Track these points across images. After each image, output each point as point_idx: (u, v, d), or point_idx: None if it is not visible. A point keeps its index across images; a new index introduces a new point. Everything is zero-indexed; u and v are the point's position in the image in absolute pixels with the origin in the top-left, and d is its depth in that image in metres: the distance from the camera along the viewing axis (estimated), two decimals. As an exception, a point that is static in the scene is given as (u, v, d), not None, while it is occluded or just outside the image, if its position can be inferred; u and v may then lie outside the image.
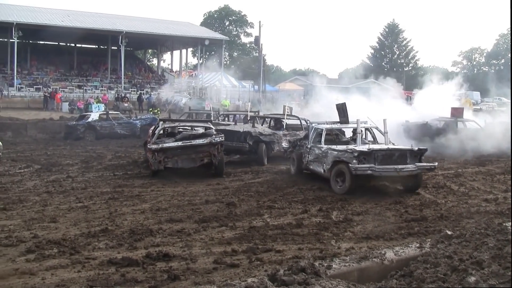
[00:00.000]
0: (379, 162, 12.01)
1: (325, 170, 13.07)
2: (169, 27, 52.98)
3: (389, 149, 12.45)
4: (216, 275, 6.44)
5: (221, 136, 14.79)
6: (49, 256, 7.08)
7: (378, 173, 11.94)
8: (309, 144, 14.24)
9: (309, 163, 14.10)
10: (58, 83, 46.03)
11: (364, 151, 12.07)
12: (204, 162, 14.46)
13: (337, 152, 12.72)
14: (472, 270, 5.52)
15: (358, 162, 11.91)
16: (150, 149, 14.16)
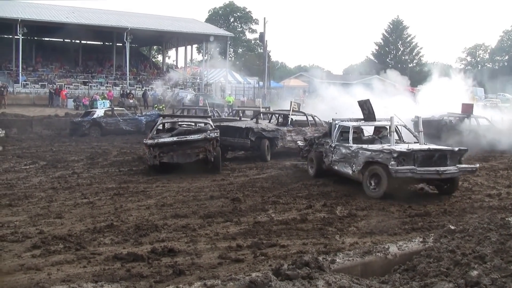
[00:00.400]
0: (418, 164, 11.04)
1: (354, 171, 12.11)
2: (174, 23, 53.00)
3: (430, 150, 11.47)
4: (221, 270, 6.48)
5: (216, 132, 14.78)
6: (54, 252, 7.11)
7: (419, 176, 11.01)
8: (333, 142, 13.24)
9: (333, 163, 13.07)
10: (63, 80, 46.19)
11: (404, 152, 11.10)
12: (199, 157, 14.46)
13: (371, 152, 11.72)
14: (474, 264, 5.56)
15: (397, 163, 10.95)
16: (146, 144, 14.29)
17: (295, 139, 18.04)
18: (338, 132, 13.36)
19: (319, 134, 15.20)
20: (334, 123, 13.62)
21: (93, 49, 56.96)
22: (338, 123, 13.49)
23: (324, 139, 14.05)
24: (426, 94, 27.31)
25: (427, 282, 5.36)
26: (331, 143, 13.30)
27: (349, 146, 12.58)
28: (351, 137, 12.88)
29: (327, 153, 13.41)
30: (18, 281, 5.99)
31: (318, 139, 14.49)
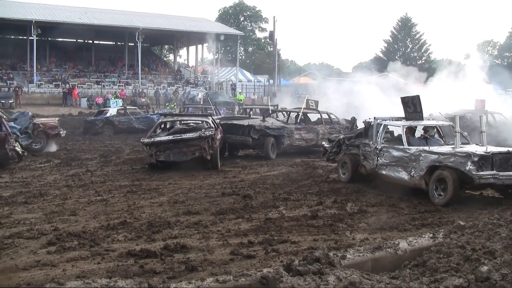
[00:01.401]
0: (497, 168, 9.94)
1: (413, 176, 10.90)
2: (185, 23, 53.19)
3: (509, 152, 10.26)
4: (233, 266, 6.53)
5: (211, 130, 14.78)
6: (69, 248, 7.20)
7: (501, 182, 9.92)
8: (378, 144, 12.01)
9: (379, 167, 11.88)
10: (77, 79, 46.58)
11: (484, 155, 9.97)
12: (195, 155, 14.53)
13: (438, 156, 10.53)
14: (484, 260, 5.59)
15: (477, 168, 9.81)
16: (143, 143, 14.50)
17: (305, 137, 17.96)
18: (382, 133, 12.13)
19: (350, 134, 13.76)
20: (377, 122, 12.31)
21: (105, 49, 57.33)
22: (383, 123, 12.18)
23: (360, 140, 12.82)
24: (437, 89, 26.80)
25: (437, 277, 5.40)
26: (375, 144, 12.09)
27: (405, 148, 11.34)
28: (405, 138, 11.55)
29: (369, 155, 12.25)
30: (34, 277, 6.09)
31: (349, 139, 13.27)
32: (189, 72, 58.62)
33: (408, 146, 11.36)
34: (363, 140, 12.68)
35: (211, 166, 14.72)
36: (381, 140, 12.05)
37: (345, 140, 13.39)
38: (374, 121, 12.40)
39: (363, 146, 12.55)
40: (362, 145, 12.59)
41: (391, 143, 12.09)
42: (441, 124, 12.48)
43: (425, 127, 12.37)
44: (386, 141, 12.15)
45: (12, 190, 11.41)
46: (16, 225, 8.51)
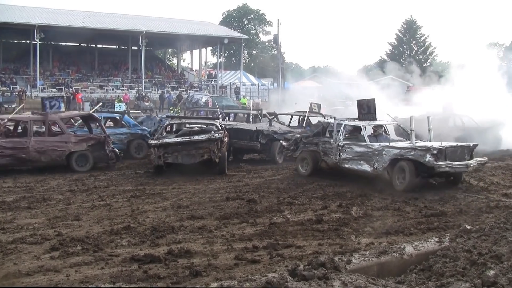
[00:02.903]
0: (449, 159, 11.76)
1: (376, 168, 12.51)
2: (189, 26, 53.31)
3: (457, 146, 12.32)
4: (237, 271, 6.50)
5: (221, 133, 14.69)
6: (73, 254, 7.18)
7: (453, 170, 11.78)
8: (340, 141, 13.46)
9: (342, 162, 13.36)
10: (80, 84, 46.68)
11: (440, 148, 11.74)
12: (204, 158, 14.42)
13: (400, 150, 12.22)
14: (491, 264, 5.54)
15: (434, 159, 11.54)
16: (151, 144, 14.40)
17: None
18: (343, 132, 13.62)
19: (307, 133, 15.34)
20: (337, 122, 13.99)
21: (108, 52, 57.52)
22: (343, 123, 13.81)
23: (318, 139, 14.26)
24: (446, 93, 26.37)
25: (443, 282, 5.35)
26: (337, 142, 13.53)
27: (368, 144, 12.89)
28: (366, 135, 13.19)
29: (330, 152, 13.72)
30: (38, 282, 6.07)
31: (306, 138, 14.66)
32: (192, 76, 58.73)
33: (370, 143, 12.94)
34: (322, 138, 14.20)
35: (219, 170, 14.58)
36: (342, 138, 13.50)
37: (302, 138, 14.78)
38: (334, 122, 14.20)
39: (322, 143, 14.06)
40: (321, 143, 14.10)
41: (351, 140, 13.69)
42: (389, 123, 14.43)
43: (375, 126, 13.87)
44: (346, 139, 13.63)
45: (15, 195, 11.39)
46: (19, 230, 8.49)
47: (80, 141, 15.21)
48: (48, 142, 14.83)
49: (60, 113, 16.45)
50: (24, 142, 14.54)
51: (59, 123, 15.49)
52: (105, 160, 15.62)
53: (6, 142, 14.42)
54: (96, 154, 15.31)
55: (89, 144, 15.26)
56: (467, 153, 12.31)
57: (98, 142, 15.39)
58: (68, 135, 15.34)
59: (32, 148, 14.51)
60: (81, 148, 15.12)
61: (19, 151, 14.42)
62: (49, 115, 15.59)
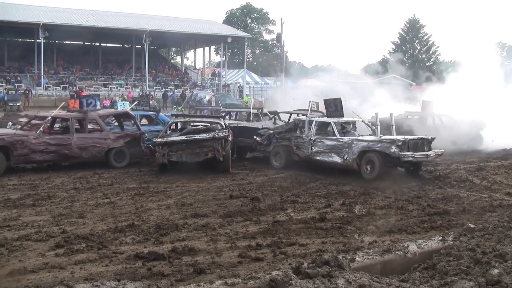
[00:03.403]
0: (411, 150, 13.06)
1: (346, 159, 13.80)
2: (192, 25, 53.33)
3: (418, 138, 13.58)
4: (241, 269, 6.52)
5: (225, 131, 14.77)
6: (77, 251, 7.20)
7: (415, 159, 13.09)
8: (312, 136, 14.71)
9: (313, 154, 14.59)
10: (84, 82, 46.75)
11: (404, 140, 13.05)
12: (208, 156, 14.46)
13: (367, 142, 13.57)
14: (495, 263, 5.54)
15: (399, 150, 12.87)
16: (155, 142, 14.46)
17: None
18: (315, 127, 14.89)
19: (279, 129, 16.23)
20: (308, 119, 15.25)
21: (112, 51, 57.60)
22: (315, 119, 15.13)
23: (290, 134, 15.46)
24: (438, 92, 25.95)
25: (447, 280, 5.35)
26: (309, 136, 14.78)
27: (339, 138, 14.23)
28: (336, 130, 14.48)
29: (302, 146, 14.92)
30: (43, 279, 6.09)
31: (279, 134, 15.76)
32: (196, 75, 58.76)
33: (340, 137, 14.27)
34: (294, 134, 15.41)
35: (223, 168, 14.62)
36: (314, 133, 14.74)
37: (275, 134, 15.86)
38: (306, 118, 15.43)
39: (295, 138, 15.27)
40: (294, 138, 15.31)
41: (321, 135, 14.87)
42: (355, 120, 15.60)
43: (344, 122, 15.10)
44: (317, 134, 14.81)
45: (20, 193, 11.42)
46: (25, 227, 8.52)
47: (118, 138, 15.70)
48: (89, 138, 15.28)
49: (97, 110, 16.83)
50: (67, 138, 14.96)
51: (98, 121, 15.91)
52: (140, 156, 16.12)
53: (51, 138, 14.81)
54: (132, 150, 15.83)
55: (126, 140, 15.77)
56: (426, 145, 13.60)
57: (134, 138, 15.91)
58: (107, 132, 15.75)
59: (75, 144, 14.94)
60: (119, 145, 15.61)
61: (62, 147, 14.82)
62: (89, 112, 15.97)
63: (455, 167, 15.17)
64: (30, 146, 14.30)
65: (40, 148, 14.48)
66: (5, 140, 13.96)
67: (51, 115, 15.81)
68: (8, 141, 13.99)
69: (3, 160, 13.83)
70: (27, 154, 14.30)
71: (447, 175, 13.67)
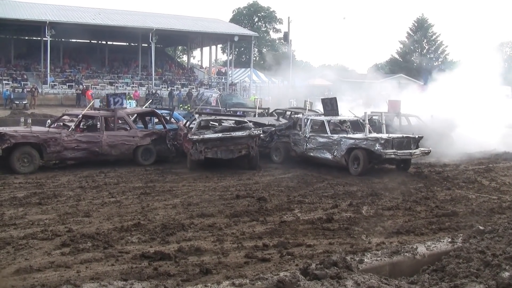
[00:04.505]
0: (395, 148, 13.80)
1: (336, 156, 14.62)
2: (199, 23, 53.29)
3: (403, 137, 14.40)
4: (248, 269, 6.48)
5: (259, 129, 15.39)
6: (83, 250, 7.19)
7: (398, 157, 13.84)
8: (306, 134, 15.60)
9: (308, 151, 15.49)
10: (90, 80, 46.84)
11: (387, 139, 13.87)
12: (242, 153, 14.95)
13: (355, 140, 14.37)
14: (505, 265, 5.46)
15: (382, 148, 13.61)
16: (192, 139, 14.53)
17: None
18: (309, 125, 15.80)
19: (280, 126, 17.22)
20: (304, 117, 16.28)
21: (119, 49, 57.67)
22: (310, 118, 16.14)
23: (290, 131, 16.42)
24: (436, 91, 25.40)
25: (457, 283, 5.27)
26: (304, 134, 15.69)
27: (329, 136, 15.06)
28: (328, 128, 15.29)
29: (299, 142, 15.83)
30: (49, 278, 6.07)
31: (280, 131, 16.75)
32: (202, 73, 58.74)
33: (331, 134, 15.08)
34: (293, 131, 16.33)
35: (252, 165, 15.15)
36: (309, 130, 15.63)
37: (276, 131, 16.83)
38: (303, 117, 16.48)
39: (293, 135, 16.18)
40: (292, 135, 16.23)
41: (316, 132, 15.70)
42: (351, 119, 16.43)
43: (340, 121, 16.28)
44: (312, 131, 15.67)
45: (26, 191, 11.41)
46: (30, 226, 8.50)
47: (145, 136, 15.99)
48: (118, 136, 15.59)
49: (125, 109, 17.05)
50: (97, 136, 15.22)
51: (126, 119, 16.23)
52: (166, 153, 16.39)
53: (82, 136, 15.07)
54: (158, 148, 16.14)
55: (153, 138, 16.06)
56: (413, 144, 14.32)
57: (160, 136, 16.21)
58: (135, 130, 16.10)
59: (105, 142, 15.21)
60: (146, 143, 15.88)
61: (93, 145, 15.07)
62: (117, 111, 16.12)
63: (463, 168, 15.07)
64: (63, 144, 14.56)
65: (72, 145, 14.73)
66: (39, 138, 14.23)
67: (82, 113, 15.92)
68: (42, 139, 14.25)
69: (37, 157, 14.12)
70: (59, 151, 14.56)
71: (455, 176, 13.60)
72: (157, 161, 15.89)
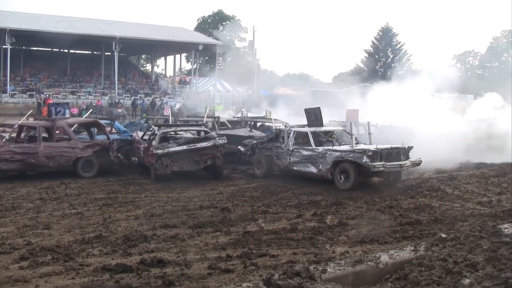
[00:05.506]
0: (384, 160, 12.99)
1: (321, 169, 13.75)
2: (163, 32, 52.99)
3: (392, 148, 13.44)
4: (211, 281, 6.42)
5: (224, 139, 15.32)
6: (42, 263, 7.02)
7: (387, 169, 13.04)
8: (290, 146, 14.76)
9: (291, 164, 14.63)
10: (52, 89, 46.01)
11: (375, 151, 13.01)
12: (207, 164, 14.90)
13: (340, 153, 13.53)
14: (466, 273, 5.53)
15: (370, 160, 12.81)
16: (157, 154, 14.32)
17: None
18: (293, 137, 14.95)
19: (262, 139, 16.69)
20: (287, 129, 15.31)
21: (81, 58, 56.86)
22: (293, 130, 15.20)
23: (272, 144, 15.56)
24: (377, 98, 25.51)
25: (419, 291, 5.33)
26: (287, 146, 14.82)
27: (314, 148, 14.22)
28: (312, 140, 14.47)
29: (282, 156, 14.97)
30: (5, 294, 5.91)
31: (261, 144, 15.97)
32: (166, 82, 58.40)
33: (316, 147, 14.25)
34: (275, 144, 15.44)
35: (217, 175, 15.10)
36: (292, 143, 14.79)
37: (258, 144, 16.07)
38: (285, 128, 15.50)
39: (275, 148, 15.30)
40: (274, 148, 15.34)
41: (300, 145, 14.90)
42: (336, 129, 15.93)
43: (326, 131, 15.47)
44: (295, 144, 14.87)
45: (-16, 203, 11.11)
46: (-13, 239, 8.26)
47: (86, 147, 15.51)
48: (56, 147, 15.10)
49: (66, 119, 16.61)
50: (33, 147, 14.76)
51: (67, 129, 15.72)
52: (109, 165, 15.90)
53: (16, 147, 14.62)
54: (101, 159, 15.60)
55: (95, 150, 15.58)
56: (403, 155, 13.50)
57: (103, 148, 15.73)
58: (75, 141, 15.59)
59: (42, 153, 14.73)
60: (87, 154, 15.40)
61: (28, 156, 14.61)
62: (57, 121, 15.67)
63: (427, 176, 15.29)
64: None
65: (5, 157, 14.24)
66: None
67: (18, 123, 15.50)
68: None
69: None
70: None
71: (419, 185, 13.77)
72: (100, 172, 15.41)
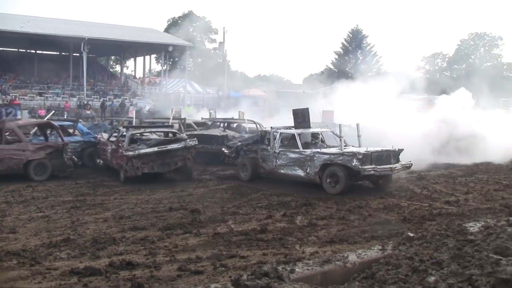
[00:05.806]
0: (374, 163, 12.69)
1: (309, 173, 13.34)
2: (132, 33, 52.58)
3: (383, 150, 13.17)
4: (180, 282, 6.40)
5: (194, 140, 15.15)
6: (8, 268, 6.91)
7: (378, 173, 12.65)
8: (276, 149, 14.25)
9: (278, 167, 14.15)
10: (18, 91, 45.22)
11: (366, 153, 12.66)
12: (178, 165, 14.75)
13: (329, 155, 13.14)
14: (432, 270, 5.63)
15: (360, 163, 12.44)
16: (127, 156, 14.17)
17: None
18: (279, 139, 14.43)
19: (247, 141, 15.98)
20: (273, 131, 14.64)
21: (49, 59, 56.02)
22: (279, 131, 14.57)
23: (257, 146, 15.00)
24: None
25: (385, 289, 5.40)
26: (273, 149, 14.32)
27: (301, 151, 13.70)
28: (299, 143, 13.95)
29: (268, 158, 14.49)
30: (-31, 300, 5.79)
31: (246, 146, 15.37)
32: (136, 84, 57.95)
33: (303, 149, 13.73)
34: (261, 146, 14.90)
35: (187, 176, 15.02)
36: (279, 145, 14.28)
37: (243, 146, 15.45)
38: (271, 130, 14.76)
39: (261, 151, 14.79)
40: (260, 150, 14.83)
41: (286, 147, 14.39)
42: (323, 131, 15.36)
43: (313, 133, 15.07)
44: (282, 146, 14.38)
45: None
46: (-50, 244, 8.09)
47: (38, 149, 14.99)
48: (5, 150, 14.58)
49: (17, 120, 16.15)
50: None
51: (17, 131, 15.23)
52: (63, 168, 15.36)
53: None
54: (54, 162, 15.09)
55: (47, 152, 15.06)
56: (393, 157, 13.23)
57: (56, 150, 15.22)
58: (25, 143, 15.07)
59: None
60: (39, 157, 14.89)
61: None
62: (6, 122, 15.27)
63: (396, 176, 15.46)
64: None
65: None
66: None
67: None
68: None
69: None
70: None
71: (388, 185, 13.93)
72: (52, 176, 15.03)
